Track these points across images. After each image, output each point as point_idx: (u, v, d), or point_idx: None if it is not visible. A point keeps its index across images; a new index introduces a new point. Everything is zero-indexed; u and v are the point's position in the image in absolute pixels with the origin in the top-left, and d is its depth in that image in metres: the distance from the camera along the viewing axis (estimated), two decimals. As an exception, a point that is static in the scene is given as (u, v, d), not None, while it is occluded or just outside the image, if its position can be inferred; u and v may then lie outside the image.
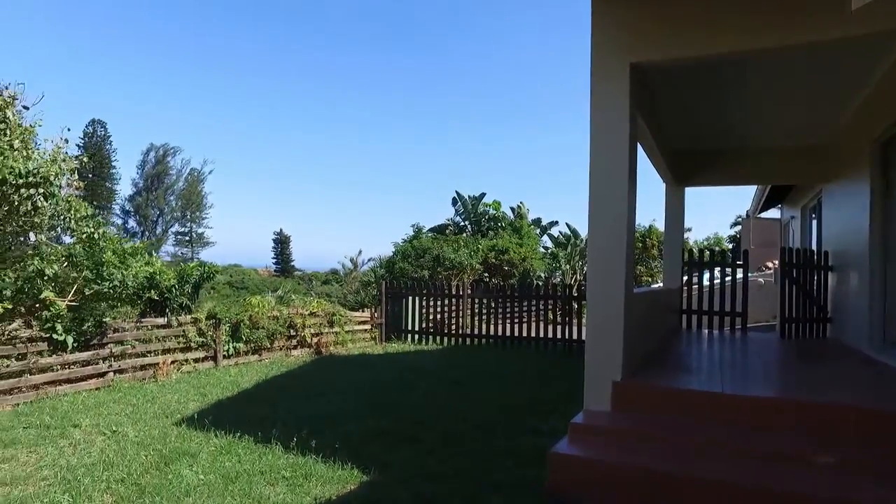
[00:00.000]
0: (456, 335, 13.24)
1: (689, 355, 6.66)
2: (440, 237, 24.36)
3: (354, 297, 24.39)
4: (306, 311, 11.68)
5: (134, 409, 6.44)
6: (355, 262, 47.81)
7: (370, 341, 13.21)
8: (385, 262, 23.38)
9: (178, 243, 62.86)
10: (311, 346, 11.38)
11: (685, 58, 4.53)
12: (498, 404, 6.81)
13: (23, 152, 6.03)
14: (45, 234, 7.37)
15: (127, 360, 8.20)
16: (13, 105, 6.23)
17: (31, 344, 7.21)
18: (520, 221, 27.54)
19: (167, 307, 8.87)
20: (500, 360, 10.58)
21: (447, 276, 19.68)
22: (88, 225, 7.55)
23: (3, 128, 6.10)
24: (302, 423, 5.72)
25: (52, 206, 6.97)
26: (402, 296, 13.86)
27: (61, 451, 4.98)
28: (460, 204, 28.53)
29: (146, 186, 59.47)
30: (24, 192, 6.11)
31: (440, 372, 9.14)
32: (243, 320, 9.95)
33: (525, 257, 22.53)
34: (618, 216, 4.58)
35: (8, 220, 6.77)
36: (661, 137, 7.58)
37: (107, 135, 56.27)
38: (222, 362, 9.54)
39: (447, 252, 20.50)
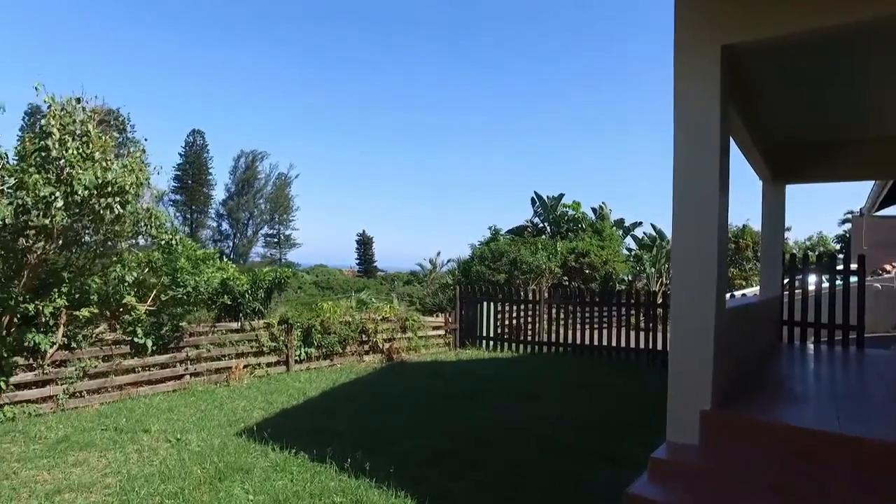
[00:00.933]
0: (532, 342, 12.72)
1: (793, 378, 5.83)
2: (518, 239, 23.80)
3: (432, 300, 24.33)
4: (379, 316, 11.59)
5: (202, 415, 6.50)
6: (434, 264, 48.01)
7: (444, 347, 12.95)
8: (462, 264, 23.14)
9: (267, 245, 66.05)
10: (383, 352, 11.27)
11: (788, 35, 3.85)
12: (572, 423, 6.30)
13: (102, 163, 6.21)
14: (129, 241, 7.63)
15: (202, 363, 8.40)
16: (94, 119, 6.45)
17: (115, 346, 7.53)
18: (601, 223, 26.40)
19: (240, 312, 9.02)
20: (577, 370, 9.97)
21: (524, 279, 19.13)
22: (167, 232, 7.75)
23: (85, 140, 6.31)
24: (360, 439, 5.50)
25: (132, 215, 7.17)
26: (476, 300, 13.51)
27: (127, 458, 5.03)
28: (539, 205, 27.78)
29: (237, 191, 62.90)
30: (102, 201, 6.29)
31: (512, 383, 8.71)
32: (314, 325, 9.98)
33: (607, 260, 21.52)
34: (707, 221, 3.97)
35: (94, 229, 7.04)
36: (759, 129, 6.74)
37: (205, 143, 60.16)
38: (294, 367, 9.60)
39: (524, 255, 19.94)
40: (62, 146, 6.02)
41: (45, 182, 5.85)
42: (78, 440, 5.48)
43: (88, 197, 6.15)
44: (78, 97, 6.45)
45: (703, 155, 3.99)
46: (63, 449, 5.24)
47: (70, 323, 7.03)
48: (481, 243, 24.70)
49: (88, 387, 7.20)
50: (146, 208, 7.65)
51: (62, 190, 5.83)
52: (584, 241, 23.24)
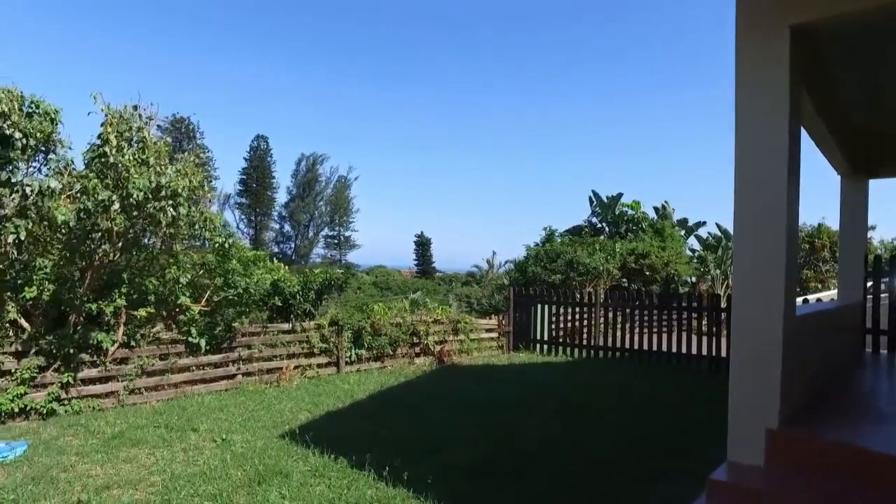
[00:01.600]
0: (587, 347, 12.28)
1: (877, 394, 5.27)
2: (574, 239, 23.21)
3: (488, 301, 24.08)
4: (430, 318, 11.50)
5: (249, 415, 6.57)
6: (491, 264, 47.67)
7: (496, 350, 12.72)
8: (518, 265, 22.79)
9: (327, 246, 67.57)
10: (434, 355, 11.15)
11: (865, 11, 3.42)
12: (626, 435, 5.95)
13: (156, 168, 6.38)
14: (184, 243, 7.84)
15: (254, 363, 8.54)
16: (149, 125, 6.65)
17: (171, 345, 7.76)
18: (663, 222, 25.35)
19: (291, 313, 9.12)
20: (635, 377, 9.51)
21: (581, 281, 18.60)
22: (220, 235, 7.91)
23: (141, 146, 6.50)
24: (402, 446, 5.37)
25: (186, 217, 7.35)
26: (530, 303, 13.20)
27: (174, 457, 5.11)
28: (597, 204, 27.02)
29: (299, 193, 64.67)
30: (157, 204, 6.46)
31: (565, 390, 8.38)
32: (365, 327, 9.98)
33: (668, 261, 20.63)
34: (774, 217, 3.58)
35: (152, 232, 7.27)
36: (834, 118, 6.15)
37: (268, 148, 62.25)
38: (344, 368, 9.63)
39: (581, 256, 19.38)
40: (119, 152, 6.22)
41: (103, 186, 6.07)
42: (131, 436, 5.63)
43: (144, 201, 6.32)
44: (135, 105, 6.68)
45: (770, 145, 3.61)
46: (116, 445, 5.39)
47: (129, 322, 7.29)
48: (537, 244, 24.26)
49: (146, 384, 7.44)
50: (200, 211, 7.84)
51: (118, 194, 6.02)
52: (645, 241, 22.37)
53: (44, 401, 6.61)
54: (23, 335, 6.66)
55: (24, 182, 5.83)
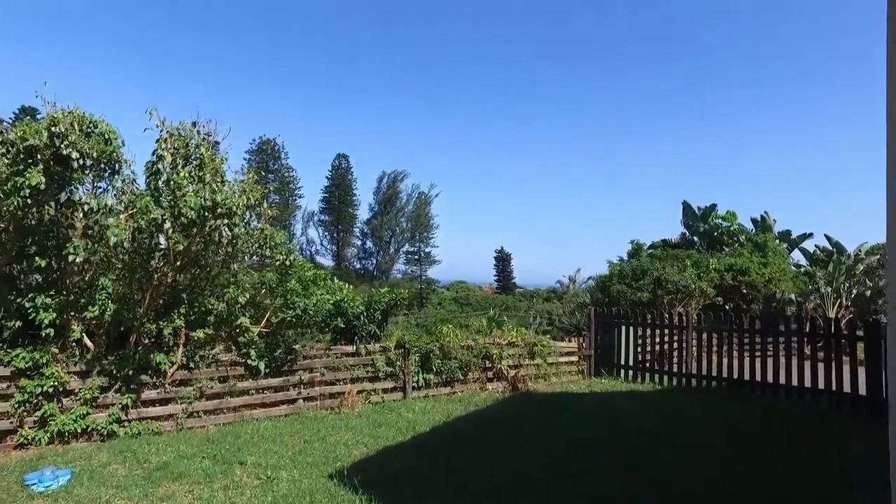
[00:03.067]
0: (678, 374, 11.03)
1: None
2: (663, 254, 21.61)
3: (569, 320, 22.94)
4: (504, 340, 10.77)
5: (302, 447, 6.13)
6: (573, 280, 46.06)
7: (576, 375, 11.75)
8: (600, 282, 21.49)
9: (408, 262, 68.23)
10: (508, 380, 10.39)
11: None
12: (725, 488, 4.95)
13: (211, 185, 6.16)
14: (245, 261, 7.65)
15: (315, 387, 8.18)
16: (207, 141, 6.48)
17: (230, 368, 7.54)
18: (763, 235, 23.13)
19: (355, 335, 8.71)
20: (735, 413, 8.29)
21: (671, 300, 17.14)
22: (281, 252, 7.65)
23: (198, 164, 6.33)
24: (461, 493, 4.70)
25: (245, 236, 7.13)
26: (613, 324, 12.13)
27: (212, 496, 4.72)
28: (688, 216, 25.17)
29: (380, 210, 65.83)
30: (212, 223, 6.24)
31: (653, 425, 7.37)
32: (433, 350, 9.41)
33: (770, 278, 18.64)
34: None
35: (212, 251, 7.09)
36: None
37: (349, 166, 64.06)
38: (411, 394, 9.09)
39: (670, 273, 17.89)
40: (173, 169, 6.06)
41: (156, 205, 5.91)
42: (175, 469, 5.32)
43: (198, 219, 6.11)
44: (194, 121, 6.54)
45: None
46: (158, 478, 5.09)
47: (188, 343, 7.13)
48: (621, 259, 22.84)
49: (205, 407, 7.24)
50: (261, 229, 7.62)
51: (170, 212, 5.83)
52: (743, 256, 20.40)
53: (105, 422, 6.53)
54: (87, 355, 6.64)
55: (83, 201, 5.76)
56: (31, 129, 5.55)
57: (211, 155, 6.49)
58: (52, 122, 5.49)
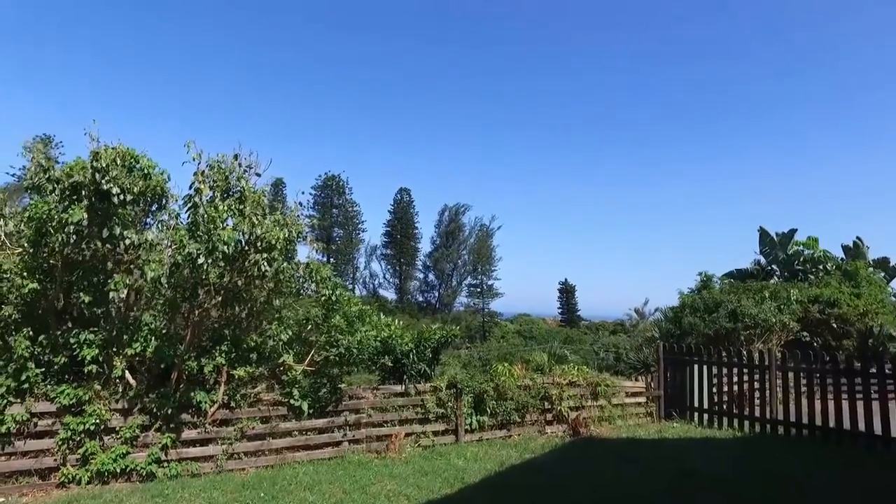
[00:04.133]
0: (761, 420, 9.83)
1: None
2: (738, 285, 20.07)
3: (637, 355, 21.64)
4: (564, 380, 10.03)
5: (340, 498, 5.67)
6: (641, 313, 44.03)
7: (644, 418, 10.78)
8: (670, 314, 20.15)
9: (470, 295, 67.63)
10: (569, 423, 9.61)
11: None
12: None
13: (252, 219, 5.98)
14: (290, 296, 7.42)
15: (361, 429, 7.75)
16: (248, 174, 6.34)
17: (273, 408, 7.25)
18: (854, 263, 21.10)
19: (404, 374, 8.27)
20: (833, 469, 7.18)
21: (748, 335, 15.72)
22: (327, 287, 7.37)
23: (238, 197, 6.19)
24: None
25: (289, 270, 6.91)
26: (685, 361, 11.11)
27: (237, 555, 4.33)
28: (765, 243, 23.43)
29: (442, 243, 65.90)
30: (252, 257, 6.03)
31: (734, 483, 6.45)
32: (487, 391, 8.81)
33: (865, 311, 16.82)
34: None
35: (254, 286, 6.89)
36: None
37: (411, 200, 64.84)
38: (463, 438, 8.50)
39: (747, 305, 16.46)
40: (210, 203, 5.93)
41: (193, 239, 5.77)
42: (203, 520, 5.00)
43: (236, 254, 5.92)
44: (235, 154, 6.42)
45: None
46: (183, 531, 4.77)
47: (230, 381, 6.91)
48: (692, 291, 21.41)
49: (246, 448, 6.95)
50: (306, 263, 7.40)
51: (205, 247, 5.66)
52: (830, 286, 18.61)
53: (144, 462, 6.35)
54: (129, 392, 6.52)
55: (124, 236, 5.69)
56: (76, 166, 5.57)
57: (252, 187, 6.32)
58: (94, 158, 5.49)
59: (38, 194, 5.85)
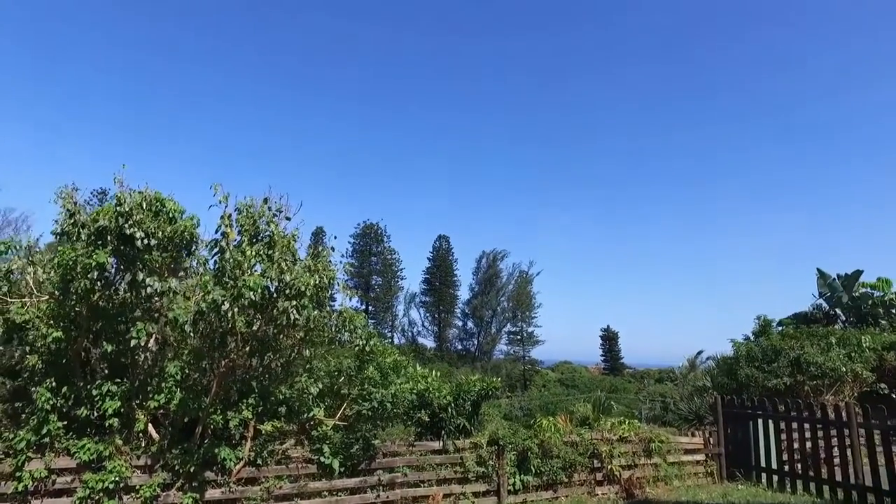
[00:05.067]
0: (843, 485, 8.72)
1: None
2: (799, 332, 18.76)
3: (688, 406, 20.37)
4: (614, 435, 9.26)
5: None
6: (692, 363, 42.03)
7: (704, 478, 9.83)
8: (723, 363, 18.92)
9: (510, 342, 66.20)
10: (621, 483, 8.80)
11: None
12: None
13: (280, 265, 5.70)
14: (319, 347, 7.06)
15: (396, 489, 7.18)
16: (278, 218, 6.11)
17: (302, 465, 6.78)
18: (932, 306, 19.56)
19: (442, 429, 7.71)
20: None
21: (815, 386, 14.49)
22: (361, 337, 6.98)
23: (267, 242, 5.94)
24: None
25: (320, 318, 6.56)
26: (746, 416, 10.17)
27: None
28: (825, 286, 22.04)
29: (481, 290, 65.16)
30: (280, 304, 5.71)
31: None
32: (531, 448, 8.14)
33: (953, 359, 15.38)
34: None
35: (283, 335, 6.56)
36: None
37: (449, 247, 64.76)
38: (506, 499, 7.81)
39: (811, 353, 15.25)
40: (237, 248, 5.69)
41: (218, 284, 5.50)
42: None
43: (262, 301, 5.62)
44: (265, 198, 6.21)
45: None
46: None
47: (256, 437, 6.50)
48: (747, 338, 20.16)
49: (272, 511, 6.48)
50: (339, 311, 7.04)
51: (229, 294, 5.37)
52: (910, 331, 17.19)
53: (165, 524, 5.94)
54: (152, 446, 6.18)
55: (147, 282, 5.47)
56: (103, 211, 5.45)
57: (281, 231, 6.07)
58: (118, 202, 5.35)
59: (68, 241, 5.74)
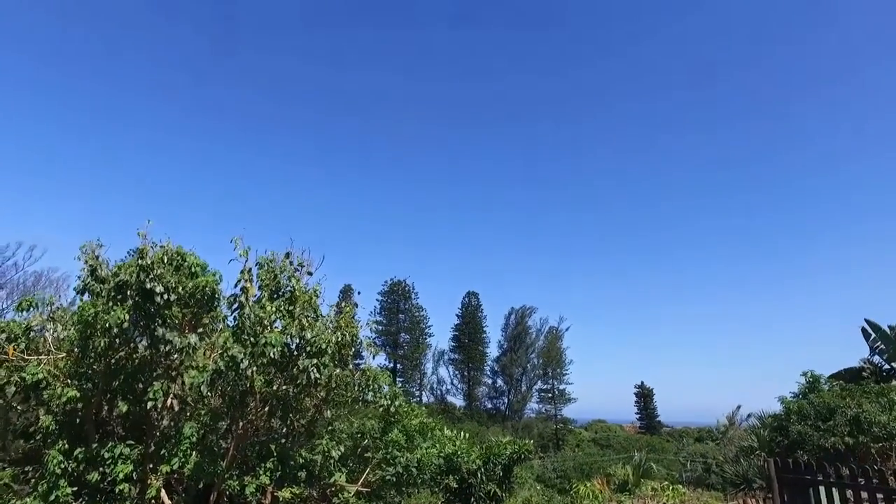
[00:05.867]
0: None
1: None
2: (854, 388, 17.56)
3: (732, 468, 19.11)
4: (657, 502, 8.57)
5: None
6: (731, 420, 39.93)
7: (760, 553, 8.95)
8: (771, 421, 17.75)
9: (541, 400, 64.14)
10: (668, 557, 8.06)
11: None
12: None
13: (301, 321, 5.49)
14: (341, 407, 6.73)
15: (423, 565, 6.66)
16: (300, 273, 5.95)
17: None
18: None
19: (472, 495, 7.20)
20: None
21: (880, 449, 13.38)
22: (385, 396, 6.65)
23: (288, 297, 5.76)
24: None
25: (342, 377, 6.28)
26: (806, 482, 9.28)
27: None
28: (877, 337, 20.76)
29: (510, 347, 63.84)
30: (301, 363, 5.46)
31: None
32: (568, 516, 7.56)
33: None
34: None
35: (304, 395, 6.28)
36: None
37: (479, 303, 64.06)
38: (542, 576, 7.17)
39: (871, 411, 14.18)
40: (256, 303, 5.50)
41: (237, 342, 5.28)
42: None
43: (282, 359, 5.38)
44: (287, 252, 6.08)
45: None
46: None
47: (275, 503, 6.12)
48: (795, 395, 18.95)
49: (289, 589, 5.99)
50: (362, 370, 6.76)
51: (249, 351, 5.15)
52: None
53: None
54: (165, 516, 5.84)
55: (166, 339, 5.30)
56: (125, 266, 5.37)
57: (303, 287, 5.89)
58: (139, 256, 5.26)
59: (90, 296, 5.64)
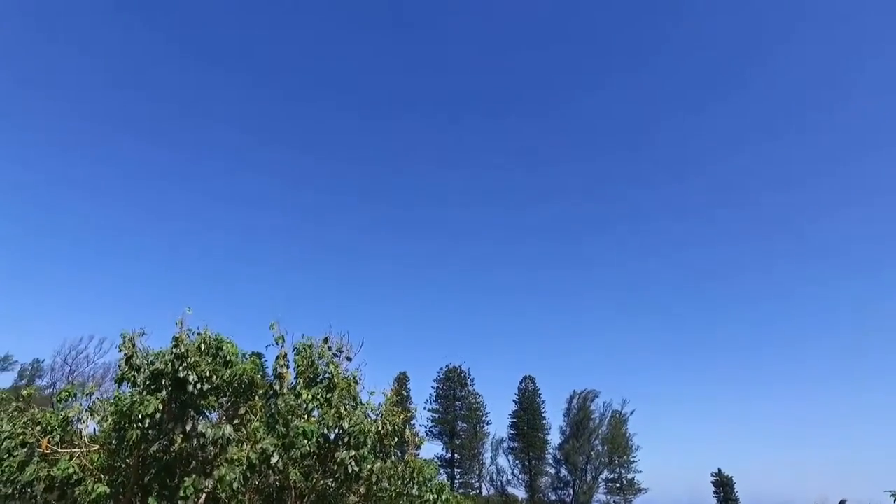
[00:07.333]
0: None
1: None
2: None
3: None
4: None
5: None
6: (823, 512, 35.70)
7: None
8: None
9: (608, 491, 59.69)
10: None
11: None
12: None
13: (339, 409, 5.19)
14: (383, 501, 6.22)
15: None
16: (338, 358, 5.72)
17: None
18: None
19: None
20: None
21: None
22: (430, 490, 6.13)
23: (326, 383, 5.51)
24: None
25: (387, 469, 5.85)
26: None
27: None
28: None
29: (572, 433, 60.56)
30: (339, 454, 5.11)
31: None
32: None
33: None
34: None
35: (344, 489, 5.86)
36: None
37: (536, 388, 61.79)
38: None
39: None
40: (292, 390, 5.26)
41: (268, 432, 5.00)
42: None
43: (319, 450, 5.04)
44: (326, 337, 5.88)
45: None
46: None
47: None
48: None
49: None
50: (406, 461, 6.30)
51: (281, 442, 4.85)
52: None
53: None
54: None
55: (200, 430, 5.08)
56: (160, 354, 5.28)
57: (341, 373, 5.63)
58: (175, 344, 5.17)
59: (129, 386, 5.57)
